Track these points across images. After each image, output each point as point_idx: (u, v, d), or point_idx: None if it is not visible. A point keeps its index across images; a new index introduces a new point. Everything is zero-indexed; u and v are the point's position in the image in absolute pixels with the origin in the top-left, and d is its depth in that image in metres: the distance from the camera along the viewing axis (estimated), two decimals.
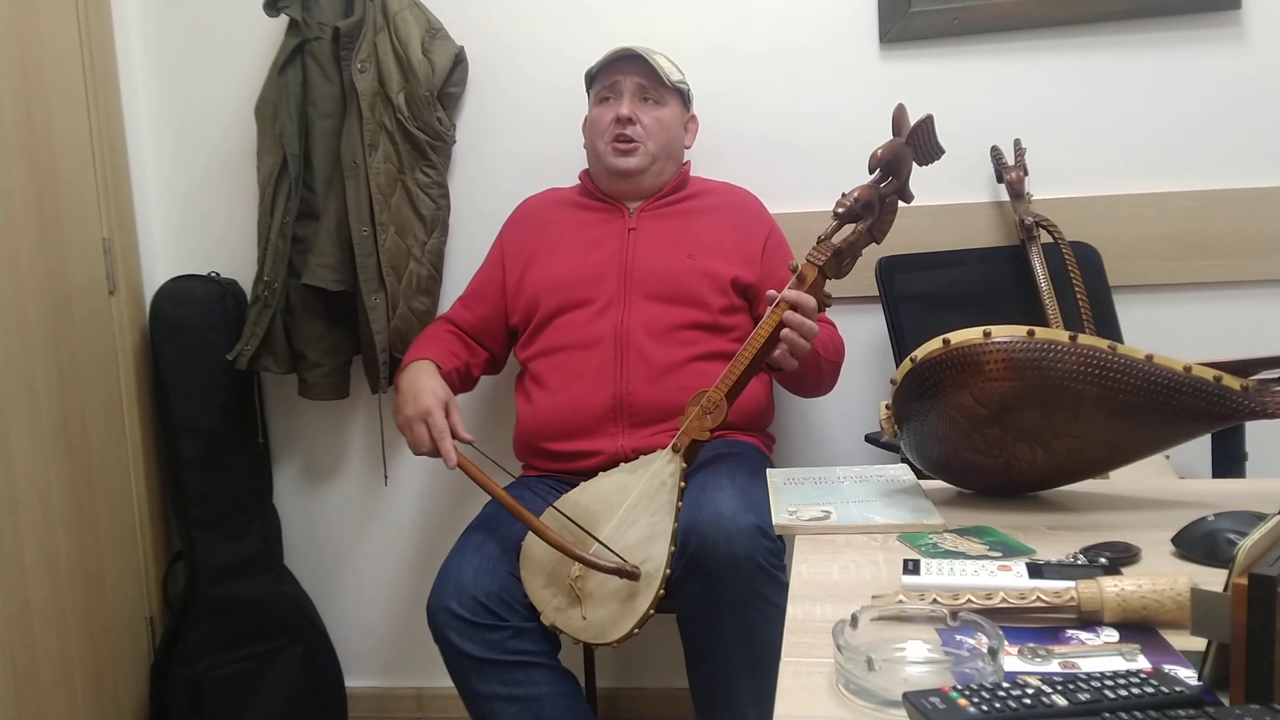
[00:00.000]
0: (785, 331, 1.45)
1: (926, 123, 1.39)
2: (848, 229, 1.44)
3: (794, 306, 1.44)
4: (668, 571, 1.44)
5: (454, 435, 1.63)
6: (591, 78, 1.89)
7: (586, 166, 1.91)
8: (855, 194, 1.40)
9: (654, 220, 1.82)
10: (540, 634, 1.54)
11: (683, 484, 1.50)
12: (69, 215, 1.90)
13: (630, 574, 1.43)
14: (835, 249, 1.44)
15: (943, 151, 1.42)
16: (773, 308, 1.45)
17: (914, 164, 1.42)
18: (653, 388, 1.69)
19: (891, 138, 1.39)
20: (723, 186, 1.91)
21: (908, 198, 1.44)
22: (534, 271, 1.82)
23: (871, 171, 1.40)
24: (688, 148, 1.92)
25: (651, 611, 1.43)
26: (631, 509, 1.50)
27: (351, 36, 1.95)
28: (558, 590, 1.51)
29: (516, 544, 1.58)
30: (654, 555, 1.45)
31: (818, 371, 1.69)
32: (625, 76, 1.82)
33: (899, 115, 1.39)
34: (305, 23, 1.97)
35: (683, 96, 1.88)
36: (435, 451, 1.63)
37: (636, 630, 1.43)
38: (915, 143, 1.40)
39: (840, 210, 1.41)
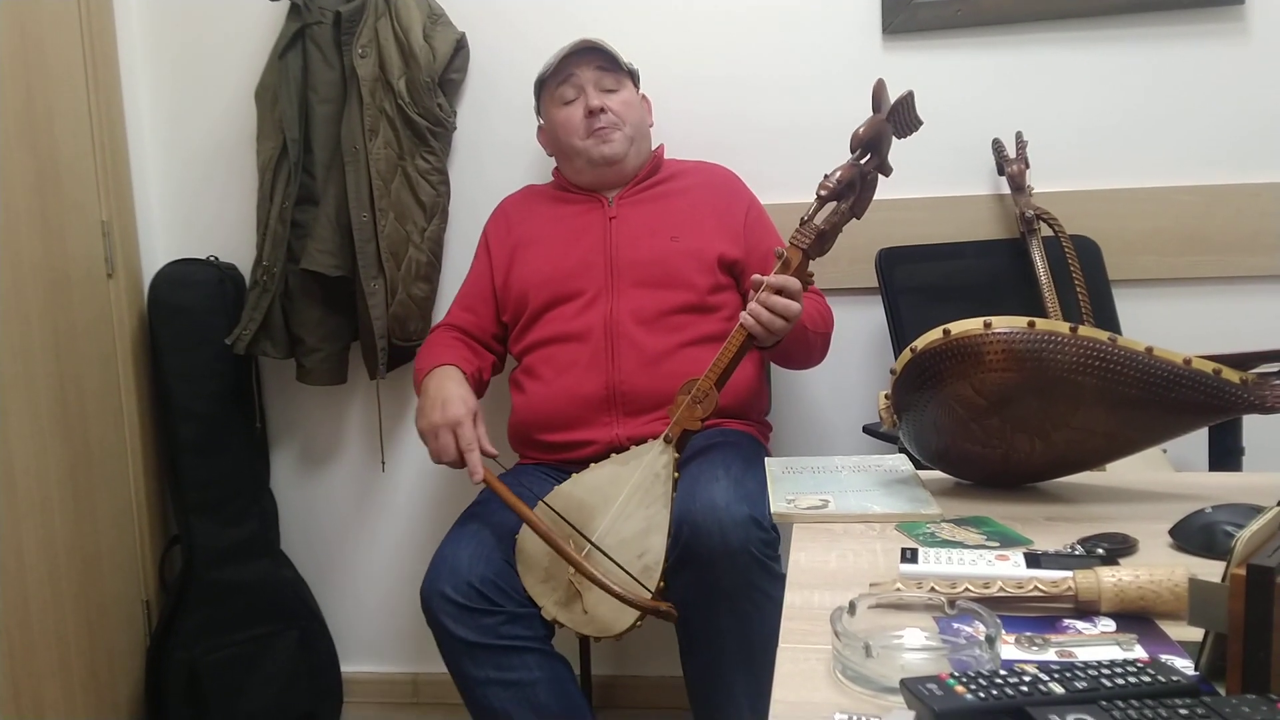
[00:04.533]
0: (766, 316, 1.45)
1: (907, 99, 1.40)
2: (828, 208, 1.45)
3: (779, 290, 1.45)
4: (667, 564, 1.44)
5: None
6: (542, 83, 1.86)
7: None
8: (838, 174, 1.41)
9: (633, 206, 1.82)
10: (534, 619, 1.54)
11: (675, 474, 1.50)
12: (68, 198, 1.90)
13: (657, 611, 1.43)
14: (819, 231, 1.44)
15: (921, 123, 1.43)
16: (757, 292, 1.45)
17: (894, 138, 1.43)
18: (645, 376, 1.69)
19: (871, 114, 1.40)
20: (697, 166, 1.91)
21: (887, 171, 1.45)
22: (519, 267, 1.82)
23: (854, 151, 1.40)
24: (651, 125, 1.91)
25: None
26: (627, 502, 1.50)
27: (353, 21, 1.94)
28: (556, 585, 1.51)
29: (512, 530, 1.58)
30: (652, 548, 1.45)
31: (806, 345, 1.69)
32: (580, 70, 1.81)
33: (879, 90, 1.40)
34: (306, 7, 1.96)
35: (633, 78, 1.88)
36: (458, 463, 1.59)
37: (639, 623, 1.44)
38: (895, 118, 1.40)
39: (823, 193, 1.41)
